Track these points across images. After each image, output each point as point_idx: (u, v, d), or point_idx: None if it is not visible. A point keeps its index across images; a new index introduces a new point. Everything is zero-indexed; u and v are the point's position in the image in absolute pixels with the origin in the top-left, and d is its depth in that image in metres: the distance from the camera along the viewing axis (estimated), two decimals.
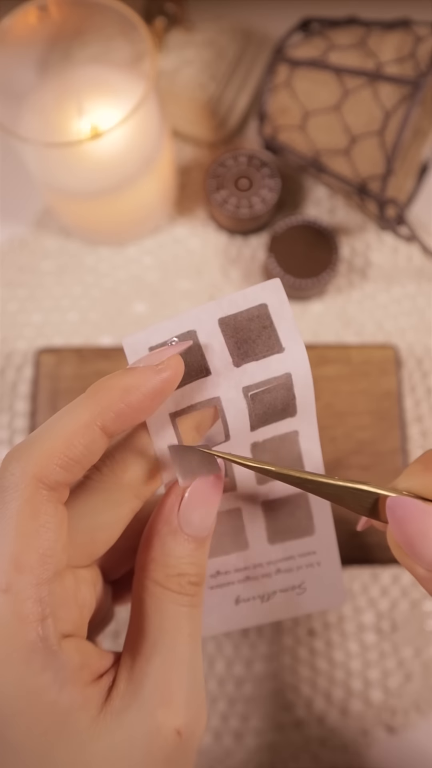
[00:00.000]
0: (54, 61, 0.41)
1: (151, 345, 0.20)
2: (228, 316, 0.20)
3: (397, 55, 0.38)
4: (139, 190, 0.42)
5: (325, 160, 0.42)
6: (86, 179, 0.39)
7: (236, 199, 0.45)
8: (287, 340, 0.21)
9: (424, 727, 0.40)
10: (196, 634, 0.20)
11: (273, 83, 0.43)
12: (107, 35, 0.40)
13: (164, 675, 0.19)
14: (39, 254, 0.48)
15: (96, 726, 0.18)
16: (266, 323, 0.20)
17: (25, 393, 0.45)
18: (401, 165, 0.46)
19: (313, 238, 0.44)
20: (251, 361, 0.20)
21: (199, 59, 0.48)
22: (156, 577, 0.20)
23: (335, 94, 0.40)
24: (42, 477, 0.18)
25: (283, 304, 0.21)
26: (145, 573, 0.20)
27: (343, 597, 0.24)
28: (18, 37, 0.38)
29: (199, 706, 0.19)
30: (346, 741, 0.40)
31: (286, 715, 0.40)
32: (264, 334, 0.20)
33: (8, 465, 0.18)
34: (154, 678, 0.19)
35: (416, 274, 0.47)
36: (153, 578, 0.20)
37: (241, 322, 0.20)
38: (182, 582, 0.20)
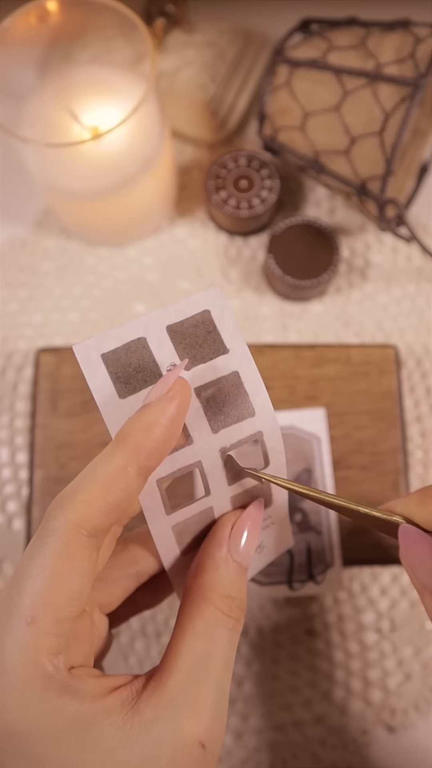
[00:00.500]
0: (54, 61, 0.41)
1: (103, 352, 0.21)
2: (175, 323, 0.22)
3: (397, 56, 0.38)
4: (139, 191, 0.42)
5: (325, 161, 0.42)
6: (86, 180, 0.39)
7: (236, 199, 0.45)
8: (231, 341, 0.22)
9: (423, 726, 0.40)
10: (230, 659, 0.21)
11: (273, 84, 0.43)
12: (107, 36, 0.40)
13: (195, 690, 0.20)
14: (39, 255, 0.48)
15: (123, 734, 0.19)
16: (210, 328, 0.22)
17: (26, 393, 0.45)
18: (401, 165, 0.46)
19: (313, 239, 0.44)
20: (199, 364, 0.22)
21: (199, 60, 0.48)
22: (211, 597, 0.21)
23: (335, 94, 0.40)
24: (82, 523, 0.19)
25: (224, 309, 0.22)
26: (200, 593, 0.21)
27: (291, 539, 0.26)
28: (18, 38, 0.38)
29: (222, 724, 0.20)
30: (346, 740, 0.40)
31: (285, 715, 0.40)
32: (209, 338, 0.22)
33: (52, 511, 0.19)
34: (185, 691, 0.20)
35: (416, 274, 0.48)
36: (207, 599, 0.21)
37: (188, 329, 0.22)
38: (231, 605, 0.21)
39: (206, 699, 0.20)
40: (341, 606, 0.42)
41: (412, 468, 0.43)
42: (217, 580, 0.22)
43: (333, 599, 0.42)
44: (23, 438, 0.44)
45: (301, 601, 0.42)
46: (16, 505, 0.43)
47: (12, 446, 0.44)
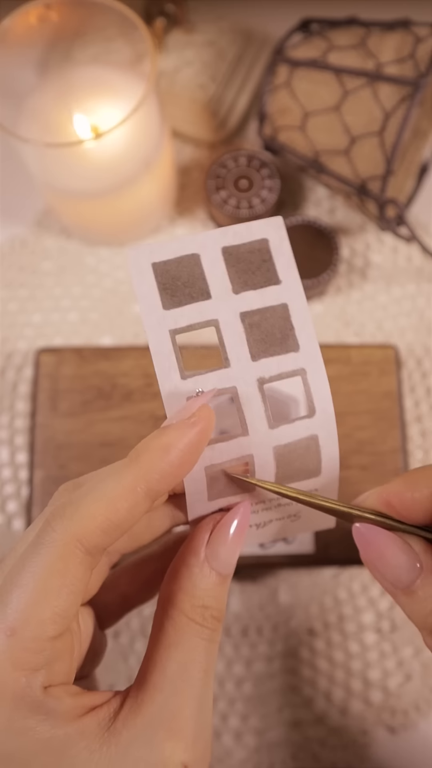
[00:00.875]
0: (54, 61, 0.41)
1: (155, 261, 0.21)
2: (231, 246, 0.22)
3: (397, 55, 0.38)
4: (139, 191, 0.42)
5: (325, 161, 0.42)
6: (86, 179, 0.39)
7: (236, 199, 0.45)
8: (284, 273, 0.22)
9: (423, 727, 0.40)
10: (210, 670, 0.20)
11: (273, 84, 0.43)
12: (107, 36, 0.40)
13: (174, 706, 0.19)
14: (39, 254, 0.48)
15: (99, 758, 0.18)
16: (266, 257, 0.22)
17: (26, 393, 0.45)
18: (401, 165, 0.46)
19: (313, 239, 0.44)
20: (249, 290, 0.22)
21: (199, 60, 0.48)
22: (182, 606, 0.20)
23: (335, 94, 0.40)
24: (81, 538, 0.18)
25: (282, 240, 0.22)
26: (171, 603, 0.20)
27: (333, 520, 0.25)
28: (18, 38, 0.38)
29: (206, 741, 0.19)
30: (346, 741, 0.40)
31: (285, 715, 0.40)
32: (263, 266, 0.22)
33: (52, 520, 0.18)
34: (163, 709, 0.18)
35: (416, 274, 0.47)
36: (179, 608, 0.20)
37: (243, 254, 0.22)
38: (206, 614, 0.20)
39: (186, 716, 0.18)
40: (341, 606, 0.42)
41: (412, 468, 0.43)
42: (190, 588, 0.20)
43: (333, 599, 0.42)
44: (23, 438, 0.44)
45: (302, 601, 0.42)
46: (16, 505, 0.43)
47: (12, 446, 0.44)
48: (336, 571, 0.42)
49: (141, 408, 0.40)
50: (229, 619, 0.41)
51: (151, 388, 0.41)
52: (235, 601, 0.42)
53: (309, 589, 0.42)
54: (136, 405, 0.41)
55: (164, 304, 0.21)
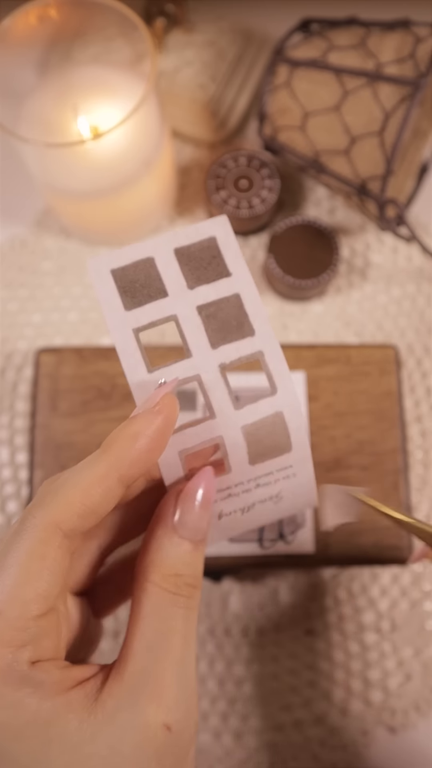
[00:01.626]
0: (54, 61, 0.41)
1: (113, 267, 0.23)
2: (182, 247, 0.23)
3: (397, 55, 0.38)
4: (139, 191, 0.42)
5: (325, 161, 0.42)
6: (86, 179, 0.39)
7: (236, 199, 0.45)
8: (234, 266, 0.24)
9: (423, 727, 0.40)
10: (189, 636, 0.20)
11: (273, 84, 0.43)
12: (107, 36, 0.40)
13: (154, 672, 0.19)
14: (39, 254, 0.48)
15: (88, 727, 0.19)
16: (215, 253, 0.24)
17: (26, 393, 0.45)
18: (401, 165, 0.46)
19: (313, 239, 0.44)
20: (203, 284, 0.23)
21: (199, 60, 0.48)
22: (153, 578, 0.21)
23: (335, 94, 0.40)
24: (59, 523, 0.19)
25: (228, 235, 0.24)
26: (144, 575, 0.21)
27: (315, 499, 0.26)
28: (18, 38, 0.38)
29: (189, 703, 0.20)
30: (346, 741, 0.40)
31: (285, 715, 0.40)
32: (214, 262, 0.23)
33: (31, 510, 0.20)
34: (145, 675, 0.19)
35: (416, 274, 0.47)
36: (150, 579, 0.21)
37: (194, 252, 0.23)
38: (178, 582, 0.21)
39: (166, 680, 0.19)
40: (341, 606, 0.42)
41: (412, 468, 0.43)
42: (162, 558, 0.21)
43: (333, 599, 0.42)
44: (23, 438, 0.44)
45: (302, 601, 0.42)
46: (16, 505, 0.43)
47: (12, 446, 0.44)
48: (336, 571, 0.42)
49: None
50: (229, 619, 0.41)
51: None
52: (236, 601, 0.42)
53: (309, 589, 0.42)
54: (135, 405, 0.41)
55: (125, 305, 0.23)
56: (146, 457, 0.20)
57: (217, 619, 0.41)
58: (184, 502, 0.21)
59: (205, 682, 0.41)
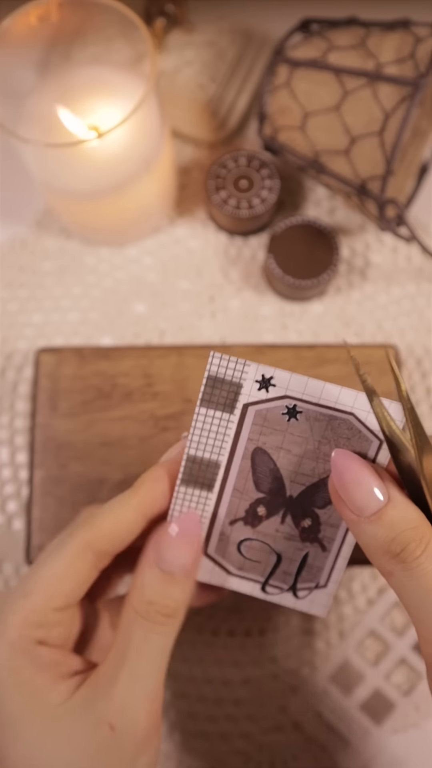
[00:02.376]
0: (54, 61, 0.41)
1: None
2: None
3: (397, 55, 0.38)
4: (139, 191, 0.42)
5: (325, 161, 0.42)
6: (86, 180, 0.39)
7: (236, 199, 0.45)
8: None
9: (423, 726, 0.40)
10: (155, 657, 0.23)
11: (273, 84, 0.43)
12: (107, 36, 0.40)
13: (112, 678, 0.22)
14: (39, 255, 0.48)
15: (63, 708, 0.23)
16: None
17: (26, 393, 0.45)
18: (401, 165, 0.46)
19: (313, 239, 0.44)
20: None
21: (199, 60, 0.48)
22: (131, 600, 0.24)
23: (335, 94, 0.40)
24: (92, 543, 0.24)
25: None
26: (129, 597, 0.24)
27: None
28: (18, 38, 0.38)
29: (138, 711, 0.22)
30: (346, 741, 0.40)
31: (287, 715, 0.40)
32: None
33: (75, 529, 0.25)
34: (105, 680, 0.23)
35: (416, 274, 0.48)
36: (130, 601, 0.24)
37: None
38: (150, 610, 0.23)
39: (118, 687, 0.22)
40: (341, 606, 0.42)
41: None
42: (139, 585, 0.24)
43: (333, 599, 0.42)
44: (23, 438, 0.44)
45: None
46: (16, 505, 0.43)
47: (12, 446, 0.44)
48: None
49: (141, 408, 0.40)
50: (232, 621, 0.41)
51: (150, 388, 0.41)
52: (237, 602, 0.42)
53: None
54: (136, 405, 0.41)
55: None
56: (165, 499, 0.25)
57: (218, 620, 0.41)
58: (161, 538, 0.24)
59: (206, 684, 0.41)
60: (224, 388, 0.24)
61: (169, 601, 0.23)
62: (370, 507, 0.22)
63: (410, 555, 0.21)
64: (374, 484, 0.22)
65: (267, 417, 0.25)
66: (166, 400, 0.41)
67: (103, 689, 0.23)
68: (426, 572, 0.21)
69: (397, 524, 0.21)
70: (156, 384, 0.41)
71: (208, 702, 0.40)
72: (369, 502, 0.22)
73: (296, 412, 0.25)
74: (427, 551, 0.21)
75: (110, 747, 0.22)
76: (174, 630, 0.24)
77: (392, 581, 0.22)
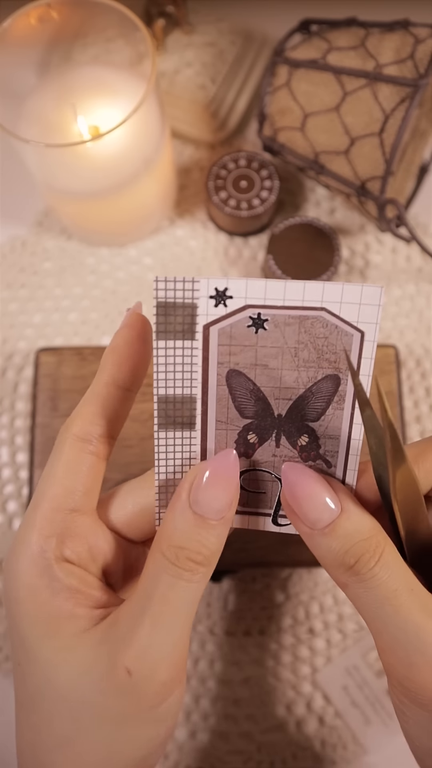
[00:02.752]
0: (54, 61, 0.41)
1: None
2: None
3: (397, 56, 0.39)
4: (140, 191, 0.42)
5: (325, 161, 0.42)
6: (87, 180, 0.39)
7: (236, 200, 0.45)
8: None
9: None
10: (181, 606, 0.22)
11: (273, 85, 0.43)
12: (107, 36, 0.40)
13: (133, 623, 0.21)
14: (40, 255, 0.48)
15: (78, 640, 0.22)
16: None
17: (26, 393, 0.45)
18: (400, 166, 0.46)
19: (313, 239, 0.44)
20: None
21: (199, 61, 0.48)
22: (161, 546, 0.22)
23: (335, 95, 0.40)
24: (77, 433, 0.24)
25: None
26: (156, 541, 0.22)
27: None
28: (18, 38, 0.38)
29: (158, 659, 0.21)
30: (346, 740, 0.40)
31: (287, 714, 0.40)
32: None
33: (60, 432, 0.24)
34: (126, 623, 0.21)
35: (415, 274, 0.48)
36: (158, 546, 0.22)
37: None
38: (180, 555, 0.21)
39: (139, 632, 0.21)
40: (341, 606, 0.42)
41: None
42: (170, 530, 0.22)
43: (333, 599, 0.42)
44: (23, 438, 0.44)
45: (302, 601, 0.42)
46: (16, 505, 0.43)
47: (12, 446, 0.44)
48: None
49: (141, 408, 0.40)
50: (231, 620, 0.41)
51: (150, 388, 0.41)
52: (237, 602, 0.42)
53: (309, 589, 0.42)
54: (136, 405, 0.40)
55: None
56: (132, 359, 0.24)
57: (217, 618, 0.41)
58: (205, 480, 0.22)
59: (205, 682, 0.41)
60: (178, 313, 0.22)
61: (201, 547, 0.22)
62: (323, 519, 0.21)
63: (364, 566, 0.21)
64: (326, 496, 0.22)
65: (232, 334, 0.23)
66: None
67: (123, 631, 0.21)
68: (380, 583, 0.21)
69: (350, 536, 0.21)
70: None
71: (206, 700, 0.40)
72: (322, 514, 0.21)
73: (262, 320, 0.23)
74: (381, 561, 0.21)
75: (125, 691, 0.21)
76: (204, 580, 0.22)
77: (348, 593, 0.22)
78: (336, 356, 0.23)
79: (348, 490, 0.23)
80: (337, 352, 0.23)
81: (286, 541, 0.39)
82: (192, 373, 0.23)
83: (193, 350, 0.23)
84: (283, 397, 0.24)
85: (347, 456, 0.24)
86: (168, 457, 0.24)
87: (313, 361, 0.23)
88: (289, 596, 0.42)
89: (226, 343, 0.23)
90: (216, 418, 0.24)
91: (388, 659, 0.21)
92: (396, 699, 0.22)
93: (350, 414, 0.24)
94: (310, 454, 0.24)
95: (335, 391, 0.24)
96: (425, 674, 0.20)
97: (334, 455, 0.24)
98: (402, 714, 0.22)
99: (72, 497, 0.23)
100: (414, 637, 0.20)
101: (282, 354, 0.23)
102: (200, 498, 0.22)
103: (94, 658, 0.21)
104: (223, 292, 0.22)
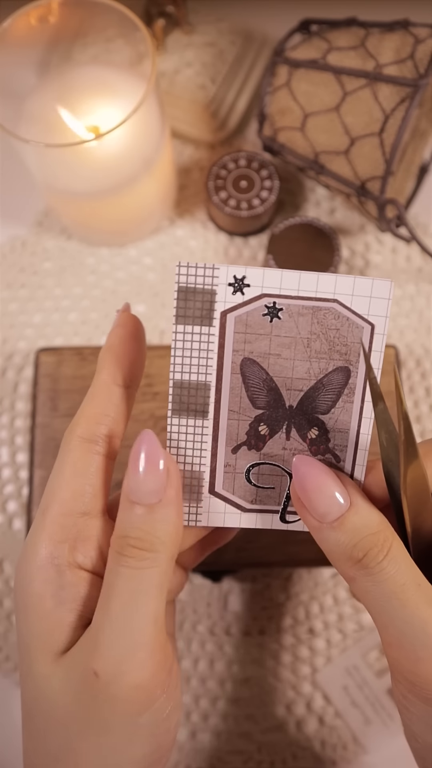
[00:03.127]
0: (54, 61, 0.41)
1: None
2: None
3: (396, 56, 0.39)
4: (140, 191, 0.42)
5: (325, 161, 0.42)
6: (87, 180, 0.39)
7: (236, 200, 0.45)
8: None
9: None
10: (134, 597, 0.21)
11: (273, 85, 0.43)
12: (107, 36, 0.40)
13: (96, 623, 0.21)
14: (40, 255, 0.48)
15: (64, 656, 0.22)
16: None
17: (26, 393, 0.45)
18: (400, 166, 0.46)
19: (313, 239, 0.44)
20: None
21: (198, 61, 0.48)
22: (112, 541, 0.22)
23: (335, 95, 0.40)
24: (82, 435, 0.23)
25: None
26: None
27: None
28: (19, 38, 0.38)
29: (122, 655, 0.21)
30: (346, 740, 0.40)
31: (287, 714, 0.40)
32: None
33: (66, 435, 0.24)
34: (93, 625, 0.21)
35: (415, 274, 0.48)
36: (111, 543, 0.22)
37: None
38: (123, 544, 0.21)
39: (101, 632, 0.21)
40: (341, 606, 0.42)
41: None
42: (117, 522, 0.22)
43: (333, 599, 0.42)
44: (23, 438, 0.44)
45: (302, 601, 0.42)
46: (16, 505, 0.43)
47: (12, 446, 0.44)
48: (336, 571, 0.42)
49: (141, 408, 0.40)
50: (230, 620, 0.41)
51: (151, 388, 0.41)
52: (237, 602, 0.42)
53: (309, 589, 0.42)
54: (136, 405, 0.41)
55: None
56: (131, 358, 0.24)
57: (216, 618, 0.41)
58: (128, 468, 0.22)
59: (205, 682, 0.41)
60: (197, 299, 0.23)
61: (143, 533, 0.21)
62: (332, 513, 0.21)
63: (372, 560, 0.21)
64: (336, 490, 0.22)
65: (248, 322, 0.23)
66: (165, 400, 0.41)
67: (92, 633, 0.21)
68: (388, 577, 0.21)
69: (359, 530, 0.21)
70: (156, 384, 0.41)
71: (206, 700, 0.40)
72: (331, 508, 0.22)
73: (277, 310, 0.23)
74: (389, 556, 0.21)
75: (98, 697, 0.21)
76: (155, 566, 0.21)
77: (355, 587, 0.22)
78: (347, 348, 0.23)
79: (356, 485, 0.23)
80: (348, 344, 0.23)
81: (287, 540, 0.39)
82: (208, 359, 0.23)
83: (210, 336, 0.23)
84: (295, 387, 0.24)
85: (356, 451, 0.24)
86: (180, 446, 0.24)
87: (324, 352, 0.23)
88: (289, 596, 0.42)
89: (242, 331, 0.23)
90: (228, 407, 0.24)
91: (394, 654, 0.21)
92: (400, 695, 0.22)
93: (360, 407, 0.24)
94: (320, 448, 0.24)
95: (345, 383, 0.24)
96: (431, 668, 0.20)
97: (343, 449, 0.24)
98: (405, 710, 0.22)
99: (81, 500, 0.23)
100: (421, 632, 0.20)
101: (295, 344, 0.23)
102: (131, 486, 0.22)
103: (73, 666, 0.21)
104: (242, 279, 0.22)
